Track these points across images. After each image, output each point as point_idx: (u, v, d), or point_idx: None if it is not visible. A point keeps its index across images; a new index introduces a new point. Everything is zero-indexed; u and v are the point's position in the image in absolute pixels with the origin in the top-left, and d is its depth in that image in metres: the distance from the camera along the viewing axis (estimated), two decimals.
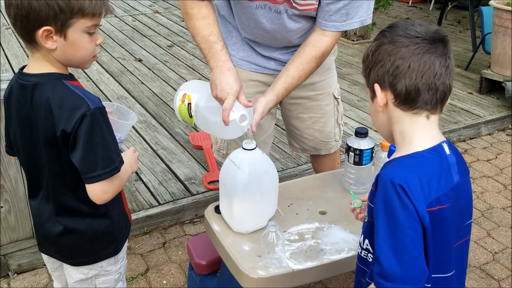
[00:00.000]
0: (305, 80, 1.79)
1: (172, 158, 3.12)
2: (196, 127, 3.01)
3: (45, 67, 1.25)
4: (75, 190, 1.31)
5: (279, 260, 1.46)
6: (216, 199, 1.73)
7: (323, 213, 1.72)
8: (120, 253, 1.45)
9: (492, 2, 4.02)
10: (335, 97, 2.05)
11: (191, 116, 1.73)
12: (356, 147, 1.76)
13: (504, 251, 2.49)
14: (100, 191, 1.25)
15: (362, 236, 1.17)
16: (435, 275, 1.08)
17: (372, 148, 1.78)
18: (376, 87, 1.10)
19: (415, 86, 1.05)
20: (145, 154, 3.16)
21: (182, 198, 2.71)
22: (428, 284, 1.07)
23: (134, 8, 6.92)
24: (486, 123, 3.77)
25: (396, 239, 1.01)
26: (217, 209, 1.70)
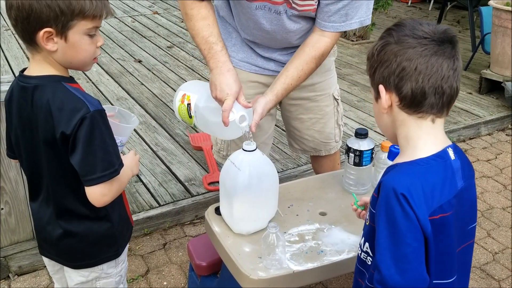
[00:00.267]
0: (304, 81, 1.79)
1: (172, 159, 3.12)
2: (196, 128, 3.01)
3: (45, 69, 1.25)
4: (75, 192, 1.31)
5: (280, 261, 1.46)
6: (216, 200, 1.73)
7: (324, 214, 1.72)
8: (120, 256, 1.45)
9: (492, 2, 4.02)
10: (335, 98, 2.05)
11: (190, 116, 1.74)
12: (356, 148, 1.76)
13: (504, 251, 2.49)
14: (99, 194, 1.24)
15: (363, 238, 1.16)
16: (436, 281, 1.07)
17: (372, 149, 1.78)
18: (381, 88, 1.07)
19: (422, 89, 1.02)
20: (145, 155, 3.16)
21: (182, 199, 2.71)
22: None
23: (133, 9, 6.92)
24: (486, 123, 3.77)
25: (397, 248, 0.99)
26: (217, 210, 1.70)
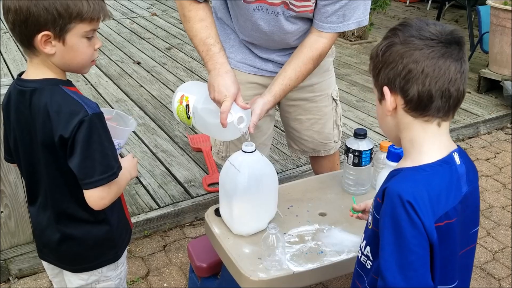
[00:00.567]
0: (302, 81, 1.79)
1: (171, 161, 3.12)
2: (195, 129, 3.00)
3: (43, 73, 1.24)
4: (74, 196, 1.30)
5: (280, 262, 1.46)
6: (216, 201, 1.73)
7: (323, 214, 1.72)
8: (120, 258, 1.44)
9: (490, 2, 4.02)
10: (334, 98, 2.05)
11: (189, 117, 1.74)
12: (355, 148, 1.76)
13: (504, 250, 2.49)
14: (97, 197, 1.24)
15: (364, 241, 1.14)
16: (440, 287, 1.06)
17: (371, 149, 1.78)
18: (385, 90, 1.04)
19: (428, 92, 1.00)
20: (144, 157, 3.16)
21: (182, 201, 2.71)
22: None
23: (132, 10, 6.92)
24: (485, 122, 3.77)
25: (403, 255, 0.97)
26: (217, 211, 1.70)
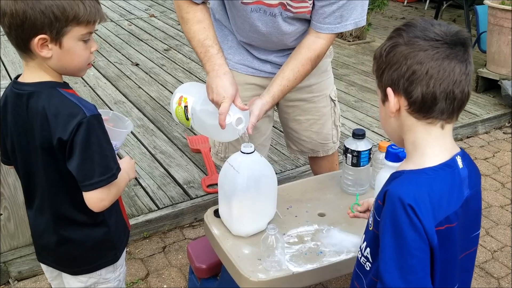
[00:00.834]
0: (300, 82, 1.80)
1: (170, 162, 3.12)
2: (194, 130, 3.01)
3: (40, 76, 1.24)
4: (72, 199, 1.30)
5: (279, 263, 1.46)
6: (215, 202, 1.73)
7: (322, 215, 1.72)
8: (119, 260, 1.44)
9: (487, 1, 4.03)
10: (332, 99, 2.05)
11: (187, 118, 1.74)
12: (353, 148, 1.76)
13: (503, 249, 2.49)
14: (97, 199, 1.24)
15: (365, 243, 1.13)
16: None
17: (370, 150, 1.78)
18: (389, 91, 1.03)
19: (432, 94, 0.98)
20: (143, 158, 3.16)
21: (181, 202, 2.71)
22: None
23: (130, 12, 6.92)
24: (483, 122, 3.78)
25: (404, 259, 0.97)
26: (216, 212, 1.70)
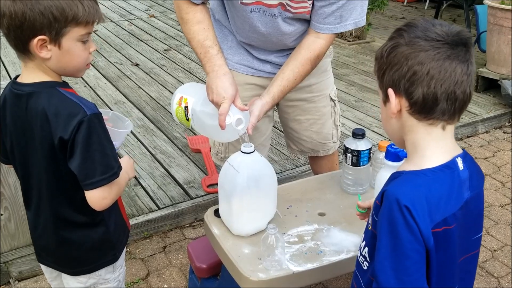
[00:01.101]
0: (300, 82, 1.80)
1: (170, 162, 3.12)
2: (194, 130, 3.01)
3: (39, 76, 1.24)
4: (71, 200, 1.30)
5: (279, 262, 1.46)
6: (215, 202, 1.74)
7: (322, 214, 1.72)
8: (118, 260, 1.44)
9: (487, 1, 4.03)
10: (332, 98, 2.06)
11: (188, 119, 1.74)
12: (353, 148, 1.77)
13: (503, 248, 2.50)
14: (99, 197, 1.24)
15: (364, 242, 1.13)
16: None
17: (370, 149, 1.78)
18: (390, 92, 1.03)
19: (433, 94, 0.98)
20: (143, 158, 3.16)
21: (182, 202, 2.71)
22: None
23: (130, 12, 6.92)
24: (483, 121, 3.78)
25: (398, 259, 0.97)
26: (216, 212, 1.70)
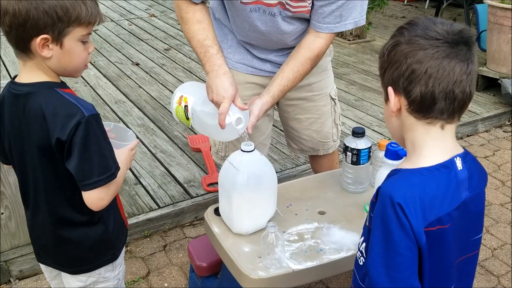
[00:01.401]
0: (300, 82, 1.80)
1: (171, 161, 3.12)
2: (194, 129, 3.01)
3: (37, 76, 1.24)
4: (69, 199, 1.30)
5: (279, 260, 1.47)
6: (215, 201, 1.74)
7: (322, 213, 1.73)
8: (118, 259, 1.44)
9: (487, 0, 4.03)
10: (332, 97, 2.06)
11: (188, 118, 1.75)
12: (353, 147, 1.77)
13: (503, 247, 2.50)
14: (96, 198, 1.24)
15: (362, 238, 1.14)
16: None
17: (370, 148, 1.79)
18: (389, 91, 1.03)
19: (431, 93, 0.98)
20: (144, 157, 3.16)
21: (182, 201, 2.72)
22: None
23: (130, 12, 6.92)
24: (483, 120, 3.78)
25: (390, 256, 0.97)
26: (216, 211, 1.71)
